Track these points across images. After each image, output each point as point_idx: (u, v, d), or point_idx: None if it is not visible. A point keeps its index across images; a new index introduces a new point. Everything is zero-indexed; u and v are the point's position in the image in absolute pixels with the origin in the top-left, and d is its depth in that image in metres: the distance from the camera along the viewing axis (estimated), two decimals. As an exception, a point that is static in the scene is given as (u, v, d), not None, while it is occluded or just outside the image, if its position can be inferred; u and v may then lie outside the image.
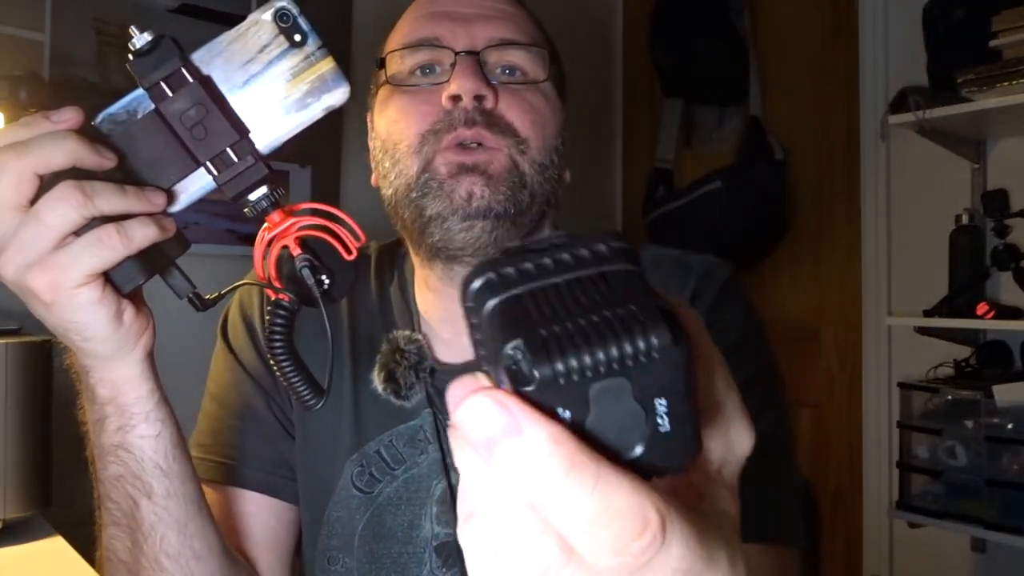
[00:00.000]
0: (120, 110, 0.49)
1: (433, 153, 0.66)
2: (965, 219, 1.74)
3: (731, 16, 2.15)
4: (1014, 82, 1.53)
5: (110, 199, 0.46)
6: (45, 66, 1.45)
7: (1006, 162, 1.78)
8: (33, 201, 0.46)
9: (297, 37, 0.48)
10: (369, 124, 0.78)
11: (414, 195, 0.67)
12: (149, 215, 0.48)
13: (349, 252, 0.52)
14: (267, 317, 0.52)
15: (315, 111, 0.50)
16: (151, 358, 0.55)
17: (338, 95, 0.50)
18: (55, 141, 0.46)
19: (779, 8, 2.17)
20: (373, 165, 0.75)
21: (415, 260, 0.76)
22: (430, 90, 0.68)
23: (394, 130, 0.69)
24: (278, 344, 0.52)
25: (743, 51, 2.15)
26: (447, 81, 0.67)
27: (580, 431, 0.20)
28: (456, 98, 0.66)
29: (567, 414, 0.20)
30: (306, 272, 0.50)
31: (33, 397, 1.08)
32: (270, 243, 0.52)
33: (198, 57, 0.48)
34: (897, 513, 1.72)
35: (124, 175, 0.48)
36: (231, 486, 0.74)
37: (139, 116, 0.48)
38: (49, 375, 1.11)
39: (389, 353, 0.70)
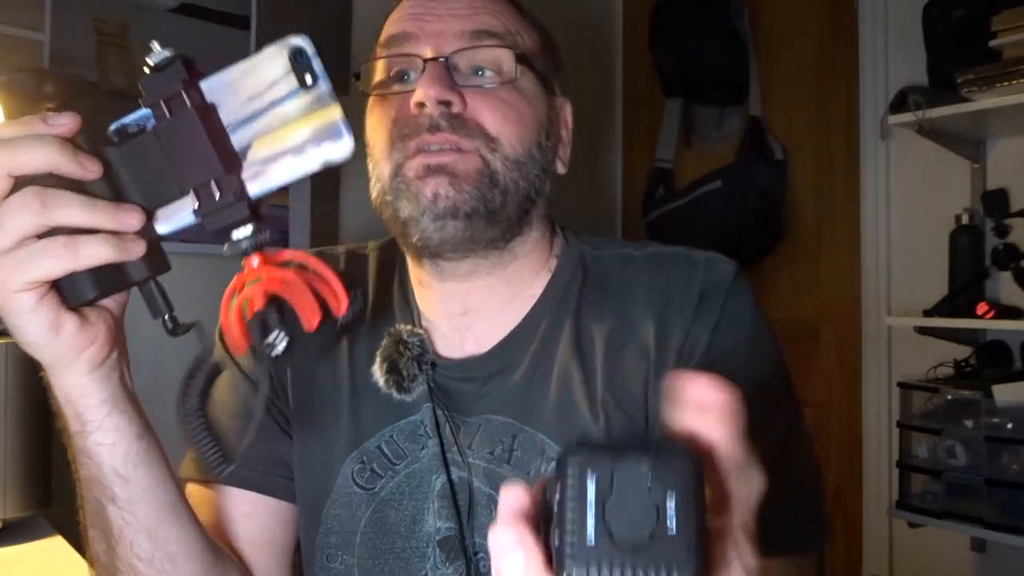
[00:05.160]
0: (132, 122, 0.48)
1: (403, 158, 0.67)
2: (965, 219, 1.74)
3: (731, 16, 2.14)
4: (1014, 82, 1.53)
5: (71, 211, 0.45)
6: (45, 66, 1.45)
7: (1006, 162, 1.78)
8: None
9: (308, 79, 0.45)
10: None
11: (389, 198, 0.69)
12: (116, 234, 0.46)
13: (310, 323, 0.47)
14: (188, 369, 0.50)
15: (312, 161, 0.46)
16: (105, 370, 0.53)
17: (339, 149, 0.45)
18: (36, 145, 0.45)
19: (779, 8, 2.17)
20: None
21: (408, 259, 0.77)
22: (402, 96, 0.69)
23: (372, 136, 0.71)
24: (192, 403, 0.49)
25: (743, 51, 2.15)
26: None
27: None
28: (421, 104, 0.66)
29: None
30: (255, 330, 0.47)
31: (33, 397, 1.08)
32: (241, 288, 0.48)
33: (208, 84, 0.46)
34: (897, 513, 1.72)
35: (111, 188, 0.47)
36: (229, 487, 0.74)
37: (143, 132, 0.47)
38: (49, 375, 1.11)
39: (391, 345, 0.71)
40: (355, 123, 0.78)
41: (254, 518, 0.74)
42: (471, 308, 0.73)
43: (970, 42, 1.66)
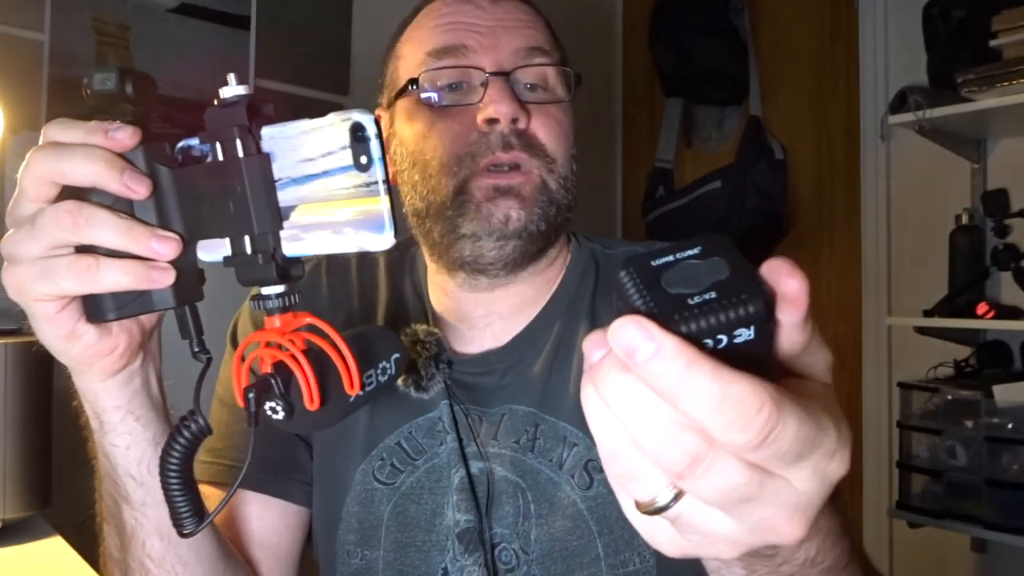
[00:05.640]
0: (198, 146, 0.47)
1: (469, 175, 0.68)
2: (965, 219, 1.74)
3: (731, 16, 2.15)
4: (1014, 82, 1.53)
5: (104, 233, 0.45)
6: (45, 66, 1.45)
7: (1006, 162, 1.78)
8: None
9: (363, 159, 0.43)
10: (378, 122, 0.78)
11: (449, 213, 0.69)
12: (145, 260, 0.46)
13: (310, 404, 0.45)
14: (176, 424, 0.49)
15: (348, 244, 0.44)
16: (122, 378, 0.53)
17: (378, 241, 0.43)
18: (83, 158, 0.45)
19: (779, 8, 2.17)
20: (389, 164, 0.76)
21: (432, 266, 0.77)
22: (461, 109, 0.69)
23: (425, 146, 0.70)
24: (173, 463, 0.48)
25: (743, 51, 2.15)
26: (480, 101, 0.68)
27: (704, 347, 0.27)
28: (492, 121, 0.67)
29: (750, 331, 0.28)
30: (250, 398, 0.45)
31: (33, 397, 1.08)
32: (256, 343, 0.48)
33: (270, 131, 0.45)
34: (897, 513, 1.72)
35: (158, 210, 0.46)
36: (241, 489, 0.74)
37: (204, 160, 0.46)
38: (49, 375, 1.11)
39: (409, 345, 0.71)
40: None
41: (264, 520, 0.74)
42: (495, 311, 0.74)
43: (970, 42, 1.66)
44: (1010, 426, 1.54)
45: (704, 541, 0.30)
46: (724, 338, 0.27)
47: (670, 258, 0.29)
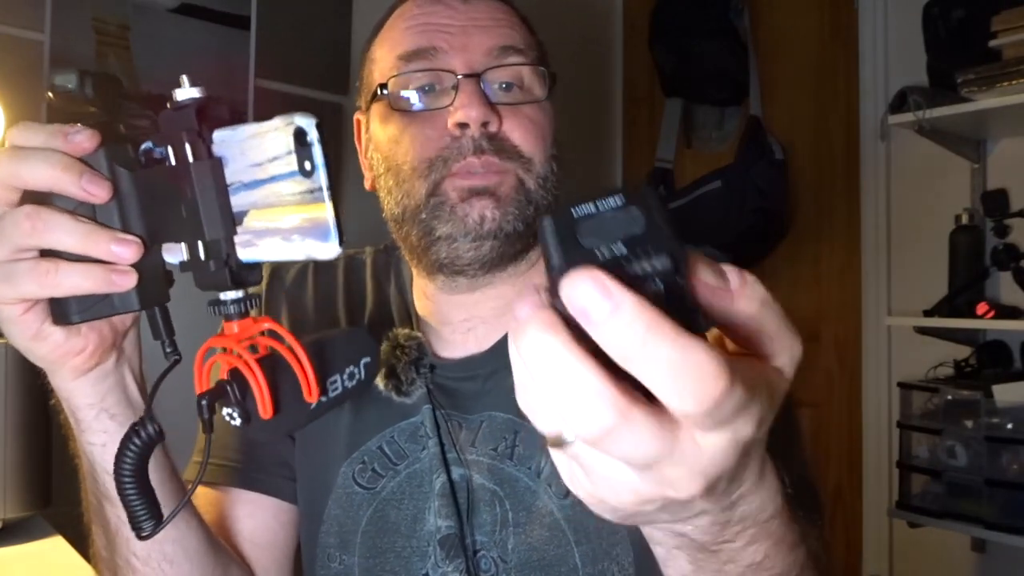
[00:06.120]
0: (157, 149, 0.46)
1: (441, 178, 0.67)
2: (965, 219, 1.75)
3: (731, 16, 2.14)
4: (1014, 82, 1.53)
5: (63, 237, 0.44)
6: (45, 66, 1.44)
7: (1006, 162, 1.78)
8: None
9: (307, 165, 0.42)
10: (358, 126, 0.78)
11: (423, 216, 0.68)
12: (107, 264, 0.45)
13: (264, 412, 0.45)
14: (129, 428, 0.49)
15: (297, 251, 0.43)
16: (93, 376, 0.53)
17: (324, 249, 0.42)
18: (41, 162, 0.45)
19: (779, 8, 2.17)
20: (366, 169, 0.76)
21: (414, 270, 0.76)
22: (433, 113, 0.68)
23: (398, 151, 0.70)
24: (126, 468, 0.48)
25: (743, 51, 2.15)
26: (450, 105, 0.67)
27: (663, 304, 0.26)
28: (463, 125, 0.66)
29: (659, 285, 0.27)
30: (202, 405, 0.44)
31: (33, 397, 1.08)
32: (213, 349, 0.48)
33: (221, 135, 0.44)
34: (897, 513, 1.72)
35: (120, 213, 0.46)
36: (232, 487, 0.74)
37: (165, 162, 0.46)
38: (49, 375, 1.11)
39: (389, 350, 0.71)
40: (348, 127, 0.75)
41: (256, 518, 0.74)
42: (476, 315, 0.74)
43: (970, 42, 1.66)
44: (1010, 426, 1.54)
45: (605, 485, 0.30)
46: None
47: (591, 208, 0.28)
